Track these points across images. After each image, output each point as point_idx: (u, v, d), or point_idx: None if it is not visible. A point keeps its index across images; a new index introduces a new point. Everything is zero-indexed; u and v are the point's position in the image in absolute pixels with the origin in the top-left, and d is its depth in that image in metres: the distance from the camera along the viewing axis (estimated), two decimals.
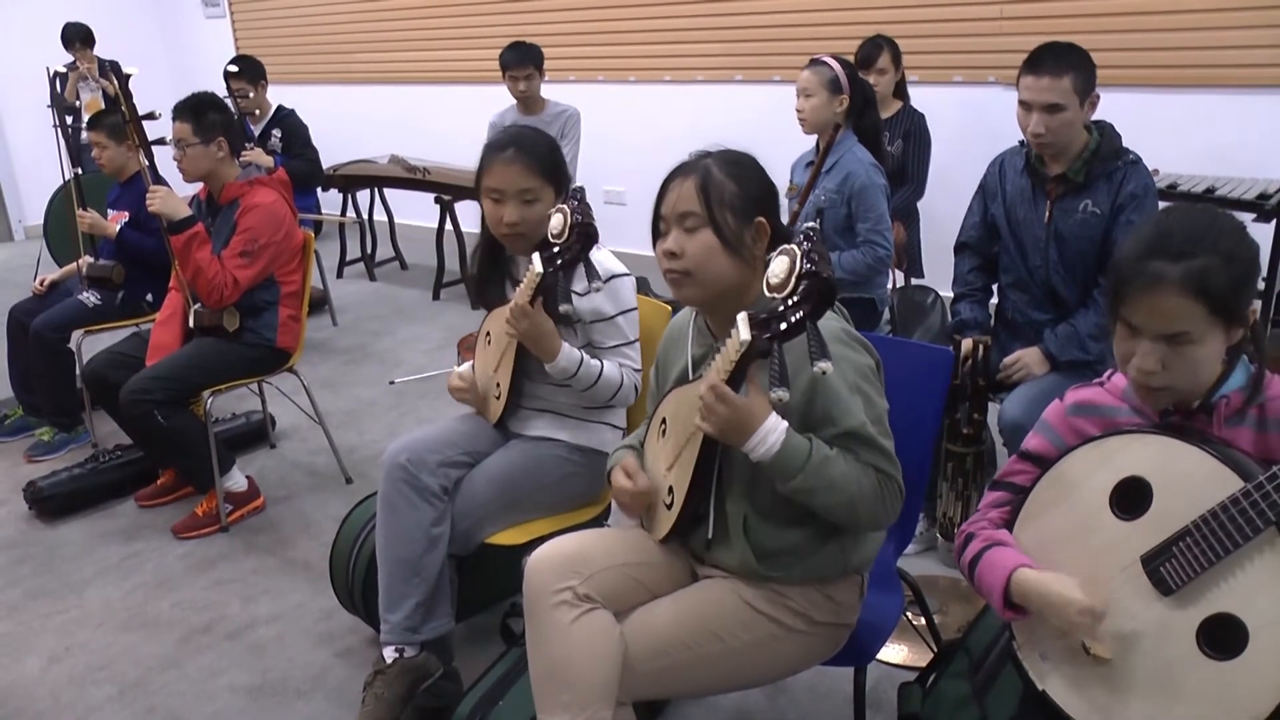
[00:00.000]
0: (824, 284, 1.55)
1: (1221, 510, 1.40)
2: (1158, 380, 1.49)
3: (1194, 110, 4.56)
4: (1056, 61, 2.71)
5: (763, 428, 1.70)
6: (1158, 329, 1.47)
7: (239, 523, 3.60)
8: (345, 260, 7.02)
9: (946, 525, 3.11)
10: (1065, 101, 2.70)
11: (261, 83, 5.86)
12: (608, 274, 2.44)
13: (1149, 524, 1.50)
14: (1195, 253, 1.44)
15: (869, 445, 1.78)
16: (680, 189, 1.85)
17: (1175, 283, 1.43)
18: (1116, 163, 2.79)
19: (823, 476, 1.73)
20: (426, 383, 4.85)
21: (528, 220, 2.44)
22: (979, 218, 3.11)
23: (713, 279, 1.83)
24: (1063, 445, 1.68)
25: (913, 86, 5.01)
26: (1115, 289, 1.51)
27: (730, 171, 1.84)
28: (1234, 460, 1.44)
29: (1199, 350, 1.47)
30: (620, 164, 6.65)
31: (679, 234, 1.83)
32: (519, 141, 2.45)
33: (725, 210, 1.81)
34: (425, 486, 2.41)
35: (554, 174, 2.47)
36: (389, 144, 6.99)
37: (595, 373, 2.43)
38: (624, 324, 2.50)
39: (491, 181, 2.45)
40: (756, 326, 1.61)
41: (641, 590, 1.92)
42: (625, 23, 6.45)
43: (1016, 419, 2.78)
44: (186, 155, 3.44)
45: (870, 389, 1.82)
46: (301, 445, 4.25)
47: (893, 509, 1.85)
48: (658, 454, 2.00)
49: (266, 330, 3.61)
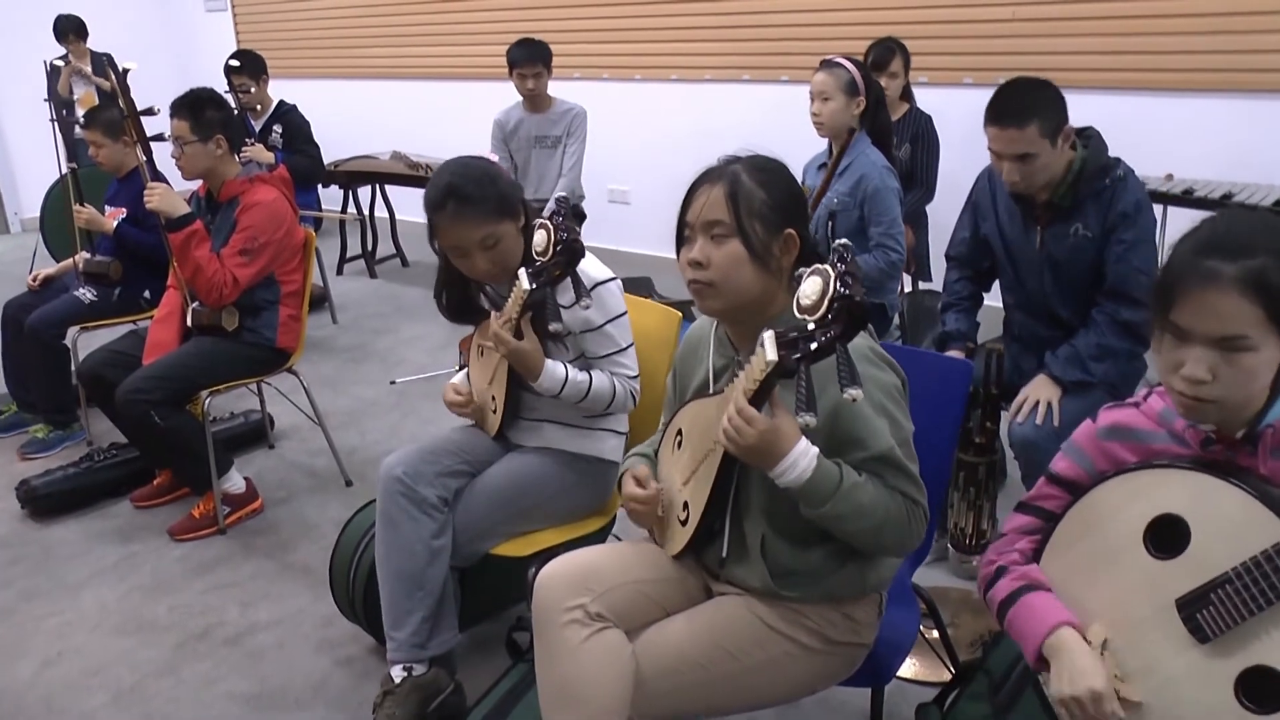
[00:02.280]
0: (857, 308, 1.47)
1: (1265, 560, 1.33)
2: (1207, 391, 1.39)
3: (1209, 114, 4.49)
4: (1019, 110, 2.60)
5: (793, 453, 1.62)
6: (1211, 331, 1.37)
7: (237, 525, 3.55)
8: (346, 257, 6.96)
9: (958, 536, 3.06)
10: (1034, 149, 2.60)
11: (263, 78, 5.80)
12: (592, 282, 2.36)
13: (1185, 566, 1.43)
14: (1254, 251, 1.35)
15: (897, 470, 1.72)
16: (708, 196, 1.77)
17: (1232, 280, 1.34)
18: (1104, 180, 2.69)
19: (851, 503, 1.66)
20: (428, 382, 4.79)
21: (499, 260, 2.37)
22: (968, 233, 3.06)
23: (738, 291, 1.76)
24: (1094, 470, 1.61)
25: (922, 88, 4.97)
26: (1164, 291, 1.41)
27: (760, 179, 1.77)
28: (1277, 503, 1.36)
29: (1253, 359, 1.37)
30: (625, 163, 6.60)
31: (705, 243, 1.76)
32: (456, 191, 2.31)
33: (754, 220, 1.74)
34: (424, 499, 2.36)
35: (505, 207, 2.36)
36: (391, 140, 6.93)
37: (583, 388, 2.36)
38: (613, 331, 2.42)
39: (447, 241, 2.37)
40: (784, 346, 1.54)
41: (654, 607, 1.87)
42: (632, 20, 6.38)
43: (1027, 434, 2.73)
44: (185, 153, 3.38)
45: (897, 410, 1.76)
46: (301, 446, 4.19)
47: (918, 534, 1.78)
48: (673, 467, 1.94)
49: (266, 330, 3.55)
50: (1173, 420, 1.53)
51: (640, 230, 6.60)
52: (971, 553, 3.06)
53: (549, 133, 5.38)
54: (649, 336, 2.61)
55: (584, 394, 2.36)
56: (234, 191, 3.47)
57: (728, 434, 1.63)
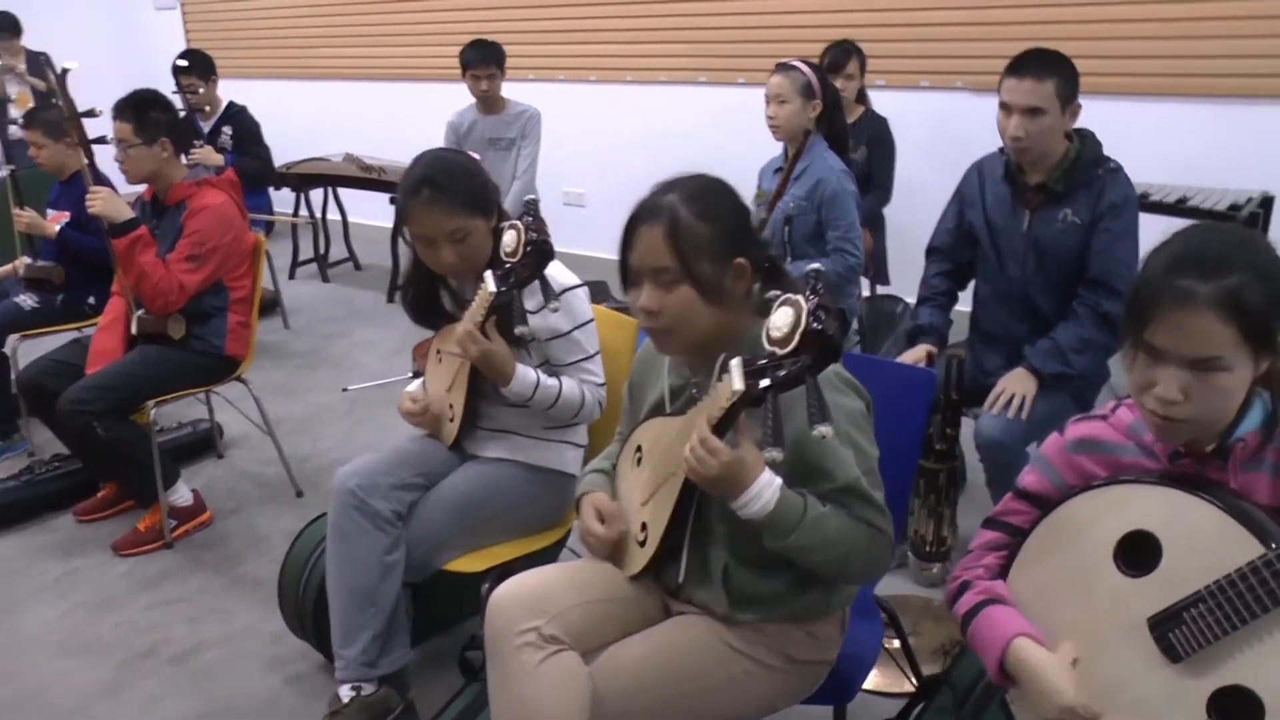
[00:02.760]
0: (830, 341, 1.42)
1: (1240, 579, 1.30)
2: (1179, 411, 1.36)
3: (1163, 118, 4.52)
4: (1040, 65, 2.66)
5: (756, 484, 1.58)
6: (1185, 352, 1.34)
7: (184, 538, 3.45)
8: (298, 261, 6.83)
9: (918, 543, 3.04)
10: (1046, 106, 2.65)
11: (212, 78, 5.68)
12: (560, 288, 2.31)
13: (1157, 583, 1.40)
14: (1229, 269, 1.31)
15: (862, 500, 1.68)
16: (648, 239, 1.69)
17: (1207, 301, 1.31)
18: (1097, 171, 2.74)
19: (816, 535, 1.62)
20: (382, 389, 4.71)
21: (466, 257, 2.32)
22: (953, 224, 3.05)
23: (695, 332, 1.71)
24: (1062, 484, 1.58)
25: (878, 91, 4.96)
26: (1136, 309, 1.38)
27: (700, 211, 1.69)
28: (1251, 519, 1.34)
29: (1227, 379, 1.34)
30: (580, 165, 6.54)
31: (654, 290, 1.70)
32: (433, 179, 2.27)
33: (701, 260, 1.67)
34: (377, 512, 2.29)
35: (479, 203, 2.32)
36: (344, 142, 6.82)
37: (554, 393, 2.31)
38: (581, 338, 2.37)
39: (416, 229, 2.31)
40: (751, 375, 1.49)
41: (611, 628, 1.82)
42: (587, 21, 6.32)
43: (994, 437, 2.72)
44: (129, 156, 3.29)
45: (862, 438, 1.72)
46: (251, 455, 4.10)
47: (883, 563, 1.76)
48: (633, 484, 1.90)
49: (214, 337, 3.46)
50: (1142, 433, 1.51)
51: (595, 233, 6.53)
52: (932, 560, 3.04)
53: (503, 135, 5.32)
54: (605, 345, 2.55)
55: (554, 400, 2.31)
56: (180, 195, 3.38)
57: (689, 463, 1.59)
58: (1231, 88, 4.39)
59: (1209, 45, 4.39)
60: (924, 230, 3.15)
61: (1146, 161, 4.30)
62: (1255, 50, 4.29)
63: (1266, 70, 4.29)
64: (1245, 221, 3.68)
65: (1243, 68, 4.34)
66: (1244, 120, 4.40)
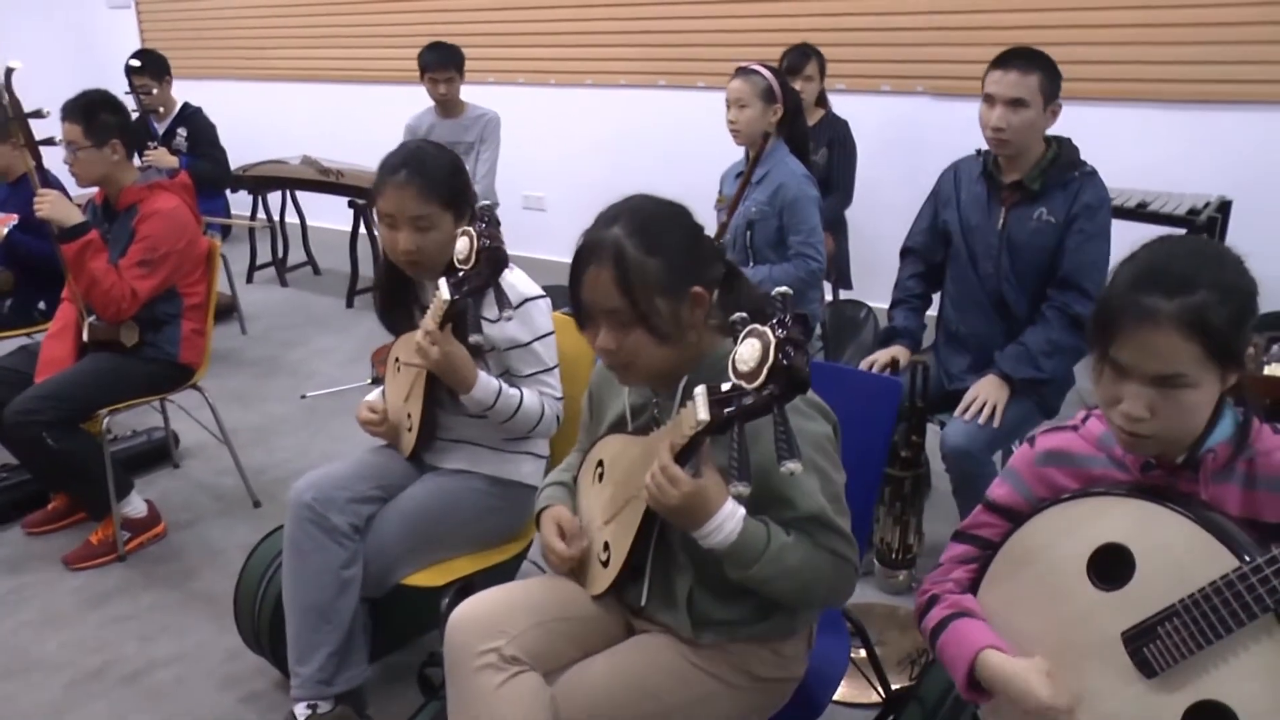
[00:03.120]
0: (798, 375, 1.37)
1: (1215, 593, 1.29)
2: (1145, 428, 1.36)
3: (1119, 123, 4.54)
4: (1026, 60, 2.70)
5: (718, 515, 1.54)
6: (1149, 370, 1.33)
7: (137, 552, 3.37)
8: (255, 265, 6.73)
9: (884, 551, 3.03)
10: (1029, 98, 2.67)
11: (166, 78, 5.59)
12: (520, 298, 2.27)
13: (1130, 597, 1.39)
14: (1193, 287, 1.31)
15: (827, 529, 1.64)
16: (596, 282, 1.62)
17: (1171, 319, 1.30)
18: (1073, 173, 2.76)
19: (779, 566, 1.59)
20: (340, 397, 4.63)
21: (424, 249, 2.26)
22: (927, 223, 3.05)
23: (656, 364, 1.67)
24: (1032, 497, 1.56)
25: (839, 95, 4.96)
26: (1102, 325, 1.37)
27: (648, 244, 1.61)
28: (1223, 531, 1.32)
29: (1192, 395, 1.34)
30: (540, 169, 6.50)
31: (609, 330, 1.64)
32: (415, 162, 2.24)
33: (653, 296, 1.61)
34: (334, 526, 2.24)
35: (453, 198, 2.27)
36: (301, 144, 6.72)
37: (514, 403, 2.26)
38: (541, 350, 2.33)
39: (383, 205, 2.26)
40: (717, 404, 1.45)
41: (573, 647, 1.78)
42: (546, 24, 6.29)
43: (960, 445, 2.71)
44: (78, 159, 3.20)
45: (827, 463, 1.68)
46: (207, 465, 4.02)
47: (847, 590, 1.72)
48: (594, 501, 1.86)
49: (168, 345, 3.38)
50: (1112, 445, 1.50)
51: (556, 237, 6.44)
52: (898, 567, 3.02)
53: (461, 138, 5.26)
54: (565, 354, 2.51)
55: (514, 411, 2.26)
56: (132, 199, 3.30)
57: (650, 491, 1.55)
58: (1188, 93, 4.44)
59: (1166, 51, 4.44)
60: (884, 234, 3.15)
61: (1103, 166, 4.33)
62: (1211, 56, 4.34)
63: (1222, 76, 4.34)
64: (1203, 226, 3.71)
65: (1199, 73, 4.39)
66: (1199, 125, 4.44)
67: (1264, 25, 4.20)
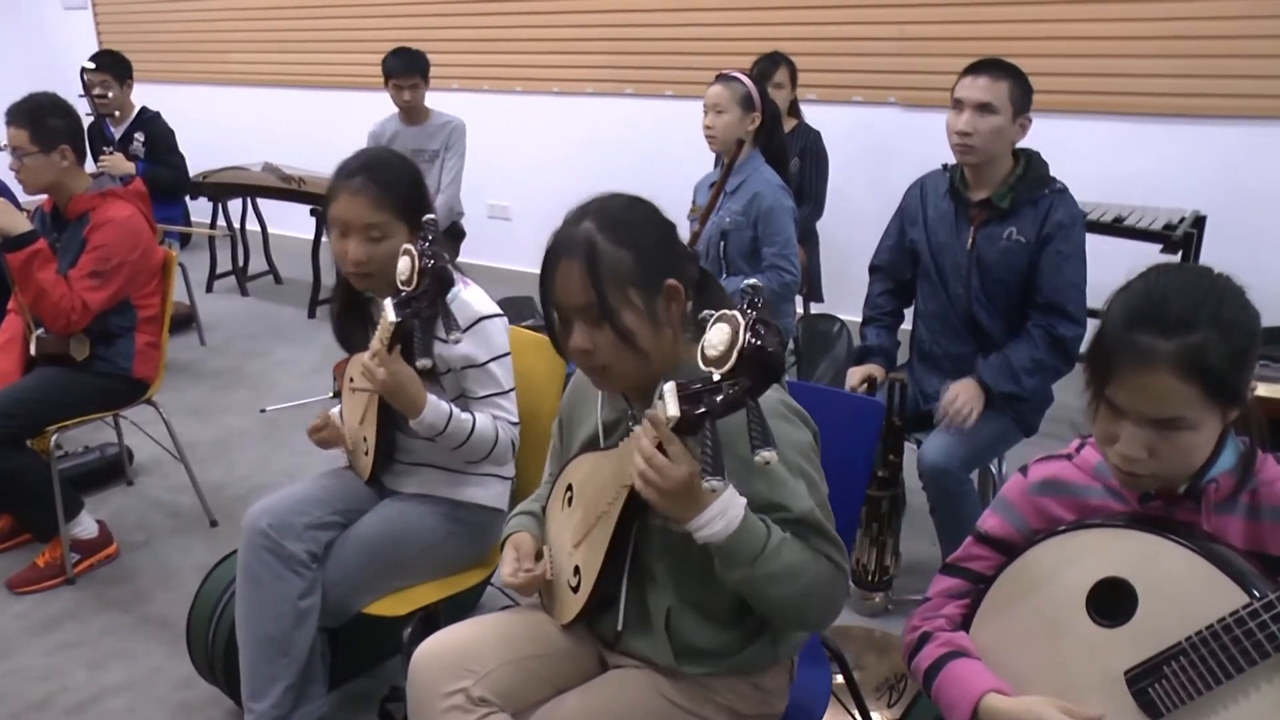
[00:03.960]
0: (771, 358, 1.30)
1: (1224, 630, 1.23)
2: (1143, 468, 1.31)
3: (1090, 136, 4.52)
4: (996, 68, 2.66)
5: (719, 501, 1.43)
6: (1146, 412, 1.27)
7: (88, 574, 3.24)
8: (215, 274, 6.58)
9: (860, 572, 2.96)
10: (998, 104, 2.62)
11: (128, 81, 5.45)
12: (474, 316, 2.17)
13: (1134, 634, 1.32)
14: (1193, 325, 1.24)
15: (818, 533, 1.55)
16: (567, 278, 1.54)
17: (1168, 361, 1.24)
18: (1043, 190, 2.69)
19: (780, 562, 1.48)
20: (301, 410, 4.52)
21: (375, 259, 2.16)
22: (894, 241, 2.98)
23: (635, 366, 1.58)
24: (1026, 528, 1.49)
25: (810, 105, 4.90)
26: (1098, 363, 1.32)
27: (619, 238, 1.54)
28: (1230, 565, 1.26)
29: (1192, 437, 1.28)
30: (506, 178, 6.42)
31: (584, 329, 1.55)
32: (371, 169, 2.14)
33: (627, 290, 1.53)
34: (291, 554, 2.14)
35: (409, 209, 2.17)
36: (263, 150, 6.60)
37: (467, 428, 2.16)
38: (497, 371, 2.23)
39: (336, 211, 2.16)
40: (687, 400, 1.36)
41: (544, 685, 1.70)
42: (512, 31, 6.20)
43: (937, 462, 2.65)
44: (24, 165, 3.07)
45: (812, 470, 1.60)
46: (163, 482, 3.89)
47: (840, 603, 1.64)
48: (563, 527, 1.77)
49: (121, 359, 3.26)
50: (1109, 475, 1.43)
51: (522, 247, 6.41)
52: (875, 589, 2.96)
53: (426, 146, 5.17)
54: (533, 373, 2.44)
55: (466, 436, 2.16)
56: (83, 207, 3.18)
57: (646, 476, 1.42)
58: (1162, 106, 4.42)
59: (1140, 64, 4.41)
60: (855, 246, 3.09)
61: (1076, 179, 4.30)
62: (1186, 70, 4.32)
63: (1197, 90, 4.32)
64: (1179, 241, 3.67)
65: (1173, 87, 4.37)
66: (1173, 139, 4.42)
67: (1238, 39, 4.18)
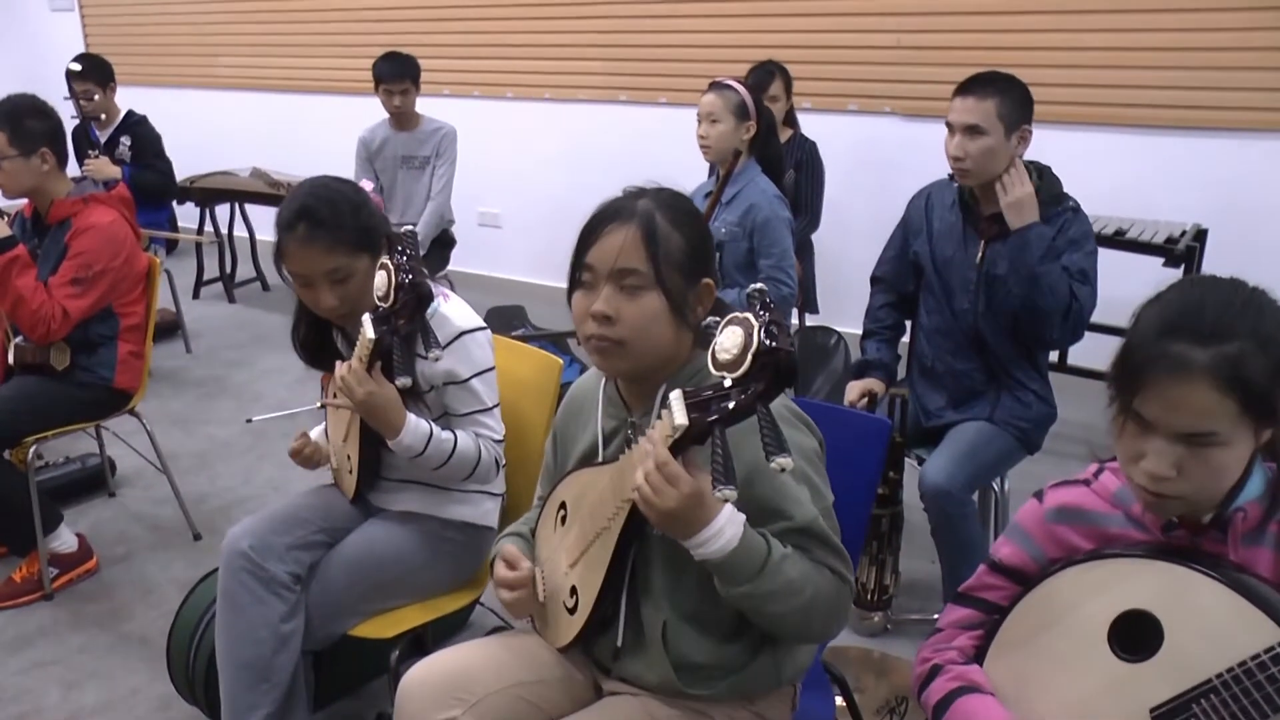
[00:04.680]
0: (785, 360, 1.26)
1: (1259, 667, 1.17)
2: (1171, 488, 1.23)
3: (1089, 148, 4.46)
4: (983, 85, 2.58)
5: (719, 518, 1.38)
6: (1178, 426, 1.21)
7: (66, 589, 3.16)
8: (202, 280, 6.50)
9: (859, 592, 2.89)
10: (986, 125, 2.54)
11: (110, 85, 5.36)
12: (455, 332, 2.10)
13: (1159, 670, 1.26)
14: (1230, 335, 1.18)
15: (822, 543, 1.50)
16: (621, 239, 1.51)
17: (1204, 372, 1.18)
18: (1057, 208, 2.62)
19: (781, 579, 1.43)
20: (288, 421, 4.40)
21: (348, 298, 2.11)
22: (896, 252, 2.92)
23: (650, 350, 1.53)
24: (1042, 557, 1.43)
25: (806, 114, 4.85)
26: (1126, 375, 1.25)
27: (675, 220, 1.53)
28: (1262, 597, 1.20)
29: (1224, 454, 1.21)
30: (497, 185, 6.35)
31: (614, 294, 1.51)
32: (309, 213, 2.05)
33: (673, 269, 1.51)
34: (273, 576, 2.07)
35: (363, 240, 2.10)
36: (251, 155, 6.52)
37: (448, 449, 2.09)
38: (480, 388, 2.16)
39: (291, 267, 2.10)
40: (696, 408, 1.31)
41: (536, 713, 1.64)
42: (505, 36, 6.13)
43: (939, 483, 2.59)
44: (3, 169, 2.99)
45: (817, 477, 1.55)
46: (145, 494, 3.80)
47: (844, 616, 1.58)
48: (557, 547, 1.69)
49: (103, 368, 3.18)
50: (1129, 501, 1.37)
51: (513, 255, 6.35)
52: (874, 609, 2.90)
53: (416, 153, 5.09)
54: (524, 386, 2.37)
55: (447, 457, 2.09)
56: (65, 213, 3.09)
57: (644, 494, 1.37)
58: (1162, 118, 4.36)
59: (1140, 75, 4.36)
60: (851, 257, 3.03)
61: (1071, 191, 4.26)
62: (1186, 81, 4.27)
63: (1197, 102, 4.27)
64: (1182, 255, 3.62)
65: (1173, 99, 4.32)
66: (1172, 151, 4.37)
67: (1240, 51, 4.13)
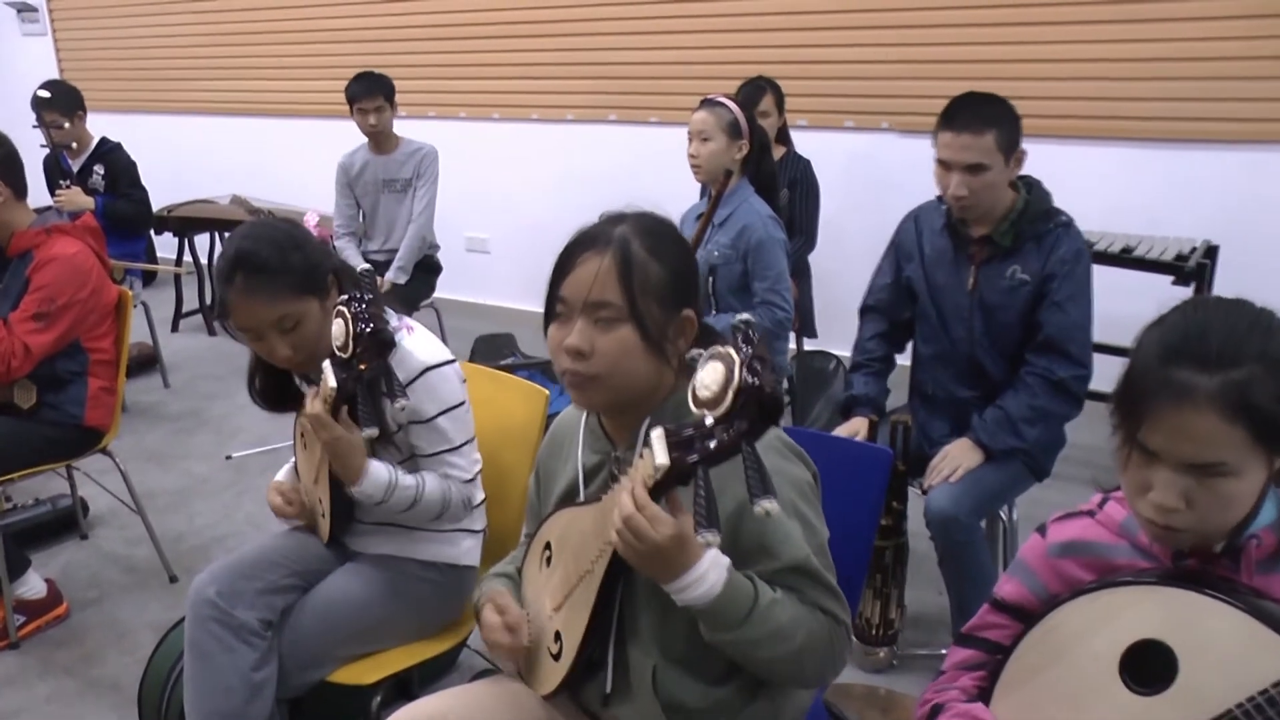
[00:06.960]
0: (769, 399, 1.17)
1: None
2: (1179, 520, 1.17)
3: (1094, 163, 4.37)
4: (977, 117, 2.43)
5: (702, 561, 1.31)
6: (1184, 457, 1.14)
7: (34, 637, 3.02)
8: (181, 312, 6.36)
9: (864, 626, 2.77)
10: (988, 161, 2.42)
11: (79, 113, 5.22)
12: (417, 369, 2.00)
13: (1175, 702, 1.18)
14: (1236, 360, 1.12)
15: (815, 582, 1.42)
16: (595, 269, 1.43)
17: (1210, 400, 1.11)
18: (1048, 225, 2.52)
19: (769, 625, 1.35)
20: (268, 456, 4.30)
21: (303, 345, 2.01)
22: (890, 279, 2.81)
23: (626, 384, 1.44)
24: (1045, 593, 1.35)
25: (800, 131, 4.75)
26: (1129, 404, 1.18)
27: (653, 247, 1.45)
28: (1278, 621, 1.11)
29: (1234, 485, 1.14)
30: (484, 208, 6.23)
31: (588, 327, 1.42)
32: (245, 260, 1.94)
33: (650, 301, 1.42)
34: (242, 624, 1.96)
35: (308, 283, 1.99)
36: (231, 182, 6.41)
37: (410, 496, 2.00)
38: (446, 425, 2.05)
39: (238, 320, 1.99)
40: (678, 447, 1.22)
41: None
42: (490, 56, 6.03)
43: (946, 510, 2.48)
44: None
45: (810, 511, 1.46)
46: (119, 534, 3.66)
47: (841, 660, 1.49)
48: (541, 589, 1.60)
49: (72, 406, 3.05)
50: (1135, 531, 1.29)
51: (501, 281, 6.23)
52: (879, 644, 2.77)
53: (397, 175, 4.98)
54: (509, 419, 2.27)
55: (410, 503, 2.01)
56: (26, 245, 2.96)
57: (622, 538, 1.29)
58: (1168, 131, 4.27)
59: (1145, 88, 4.27)
60: (848, 278, 2.92)
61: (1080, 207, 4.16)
62: (1193, 93, 4.17)
63: (1204, 114, 4.17)
64: (1193, 272, 3.52)
65: (1174, 111, 4.23)
66: (1180, 165, 4.28)
67: (1247, 61, 4.04)
